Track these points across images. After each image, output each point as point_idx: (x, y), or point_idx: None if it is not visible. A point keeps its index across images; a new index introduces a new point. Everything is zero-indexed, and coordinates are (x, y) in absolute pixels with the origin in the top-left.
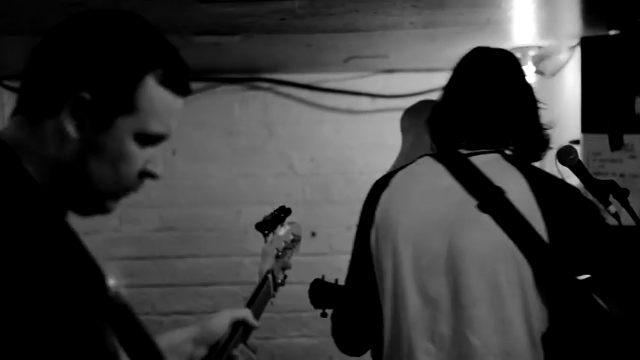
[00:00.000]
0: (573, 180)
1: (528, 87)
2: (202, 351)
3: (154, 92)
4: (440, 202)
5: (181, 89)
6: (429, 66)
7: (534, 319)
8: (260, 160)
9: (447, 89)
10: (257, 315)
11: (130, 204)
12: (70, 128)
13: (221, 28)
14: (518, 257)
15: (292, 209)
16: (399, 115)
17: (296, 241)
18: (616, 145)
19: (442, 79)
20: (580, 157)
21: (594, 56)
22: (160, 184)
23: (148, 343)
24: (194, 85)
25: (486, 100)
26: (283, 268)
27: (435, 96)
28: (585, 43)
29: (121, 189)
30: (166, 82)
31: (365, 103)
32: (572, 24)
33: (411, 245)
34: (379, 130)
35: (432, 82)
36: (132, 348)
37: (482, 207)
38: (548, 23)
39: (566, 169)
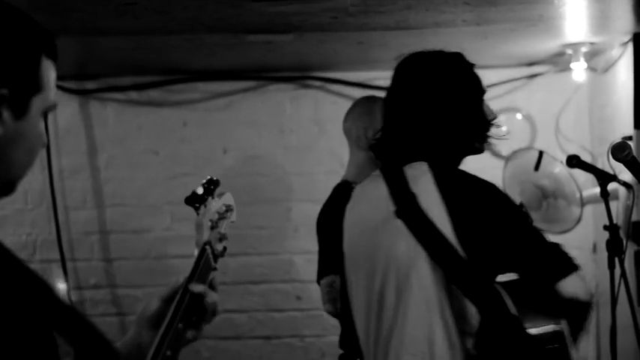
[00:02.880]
0: (626, 176)
1: (458, 92)
2: (145, 331)
3: (47, 66)
4: (371, 211)
5: (57, 56)
6: (481, 63)
7: (452, 322)
8: (311, 158)
9: (385, 102)
10: None
11: (180, 202)
12: None
13: (273, 27)
14: (429, 262)
15: None
16: None
17: (229, 210)
18: None
19: (494, 75)
20: (633, 153)
21: None
22: None
23: (100, 341)
24: (245, 84)
25: (408, 115)
26: (220, 239)
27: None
28: (638, 39)
29: (30, 168)
30: (50, 54)
31: None
32: (624, 20)
33: (348, 250)
34: None
35: (484, 79)
36: (82, 348)
37: (397, 213)
38: (601, 19)
39: (620, 164)
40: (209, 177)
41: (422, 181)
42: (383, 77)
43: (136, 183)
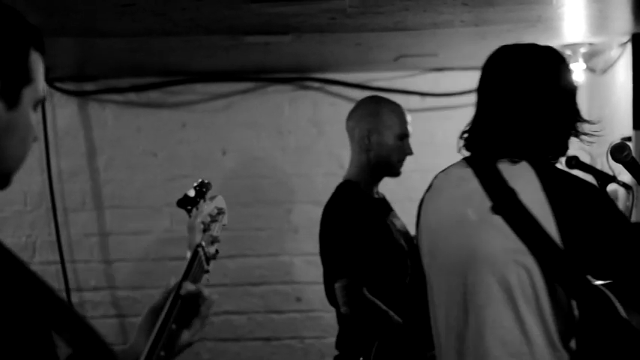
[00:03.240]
0: (626, 177)
1: (556, 87)
2: (141, 339)
3: (35, 58)
4: (460, 204)
5: (44, 50)
6: (479, 64)
7: (552, 321)
8: (310, 159)
9: (478, 96)
10: None
11: None
12: None
13: (271, 28)
14: (529, 259)
15: None
16: (449, 113)
17: (221, 213)
18: None
19: None
20: (633, 154)
21: None
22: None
23: (98, 342)
24: (243, 86)
25: (507, 110)
26: (212, 242)
27: None
28: (637, 40)
29: (24, 160)
30: (38, 47)
31: (415, 101)
32: (623, 20)
33: (429, 245)
34: (429, 128)
35: None
36: (80, 349)
37: (495, 208)
38: (599, 20)
39: (619, 165)
40: (200, 180)
41: (522, 178)
42: (381, 78)
43: (134, 185)
